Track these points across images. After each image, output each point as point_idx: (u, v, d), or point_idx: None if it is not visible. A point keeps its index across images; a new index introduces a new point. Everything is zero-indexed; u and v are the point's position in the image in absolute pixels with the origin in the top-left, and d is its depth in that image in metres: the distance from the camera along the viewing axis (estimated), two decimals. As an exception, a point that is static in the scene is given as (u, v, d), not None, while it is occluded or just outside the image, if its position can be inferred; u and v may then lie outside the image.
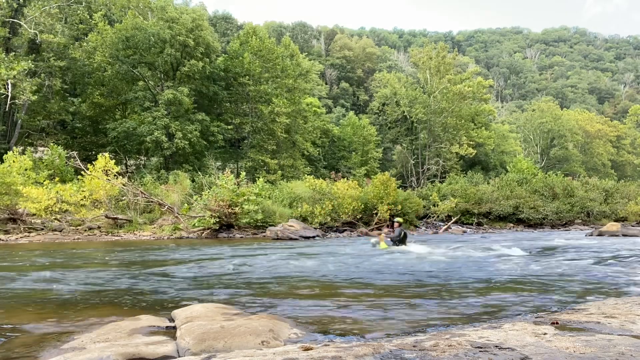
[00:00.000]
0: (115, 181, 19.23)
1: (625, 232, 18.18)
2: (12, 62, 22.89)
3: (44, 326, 3.77)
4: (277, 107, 33.26)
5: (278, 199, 21.63)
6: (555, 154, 59.59)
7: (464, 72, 53.34)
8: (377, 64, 78.92)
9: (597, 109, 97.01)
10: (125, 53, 29.43)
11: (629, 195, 32.54)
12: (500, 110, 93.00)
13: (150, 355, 2.83)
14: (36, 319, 4.01)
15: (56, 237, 15.77)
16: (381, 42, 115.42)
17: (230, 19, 73.96)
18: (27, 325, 3.80)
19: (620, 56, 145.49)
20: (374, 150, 44.87)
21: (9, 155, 18.80)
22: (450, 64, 44.95)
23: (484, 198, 27.50)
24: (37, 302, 4.97)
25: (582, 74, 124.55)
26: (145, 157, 31.36)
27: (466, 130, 44.31)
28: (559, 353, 2.43)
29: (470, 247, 12.90)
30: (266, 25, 79.33)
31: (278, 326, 3.40)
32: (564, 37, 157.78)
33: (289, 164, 34.91)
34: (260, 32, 36.45)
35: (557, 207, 27.77)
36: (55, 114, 29.00)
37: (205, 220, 17.62)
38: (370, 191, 23.11)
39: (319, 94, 58.79)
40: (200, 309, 3.95)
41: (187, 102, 29.23)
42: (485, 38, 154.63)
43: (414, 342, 2.73)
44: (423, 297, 5.16)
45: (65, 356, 2.81)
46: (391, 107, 46.91)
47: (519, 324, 3.31)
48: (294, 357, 2.43)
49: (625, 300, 4.45)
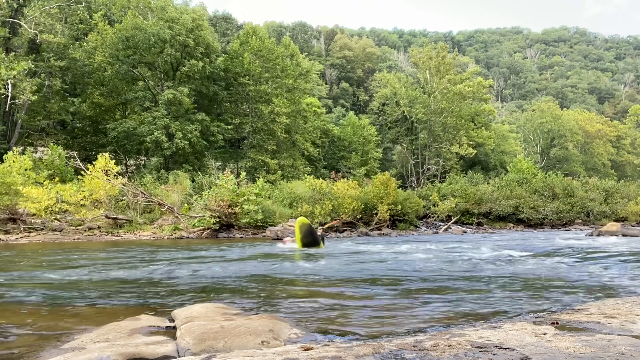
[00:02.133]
0: (115, 181, 19.23)
1: (625, 232, 18.16)
2: (12, 62, 22.91)
3: (43, 326, 3.77)
4: (277, 107, 33.27)
5: (278, 199, 21.64)
6: (555, 154, 59.58)
7: (464, 72, 53.33)
8: (377, 64, 78.93)
9: (597, 109, 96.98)
10: (125, 53, 29.44)
11: (629, 195, 32.53)
12: (500, 110, 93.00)
13: (150, 355, 2.83)
14: (36, 319, 4.01)
15: (56, 237, 15.77)
16: (381, 42, 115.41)
17: (230, 19, 73.97)
18: (27, 325, 3.79)
19: (620, 56, 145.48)
20: (374, 150, 44.88)
21: (9, 155, 18.81)
22: (450, 64, 44.97)
23: (484, 198, 27.50)
24: (37, 302, 4.97)
25: (582, 74, 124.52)
26: (145, 157, 31.37)
27: (466, 130, 44.33)
28: (559, 353, 2.43)
29: (470, 247, 12.89)
30: (266, 25, 79.36)
31: (278, 326, 3.40)
32: (564, 37, 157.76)
33: (289, 164, 34.92)
34: (260, 32, 36.45)
35: (557, 207, 27.76)
36: (55, 114, 29.01)
37: (205, 220, 17.63)
38: (370, 191, 23.12)
39: (319, 94, 58.80)
40: (200, 309, 3.95)
41: (187, 102, 29.24)
42: (485, 38, 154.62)
43: (414, 342, 2.73)
44: (423, 297, 5.16)
45: (65, 356, 2.81)
46: (391, 107, 46.91)
47: (519, 324, 3.31)
48: (294, 357, 2.43)
49: (625, 300, 4.45)
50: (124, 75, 30.28)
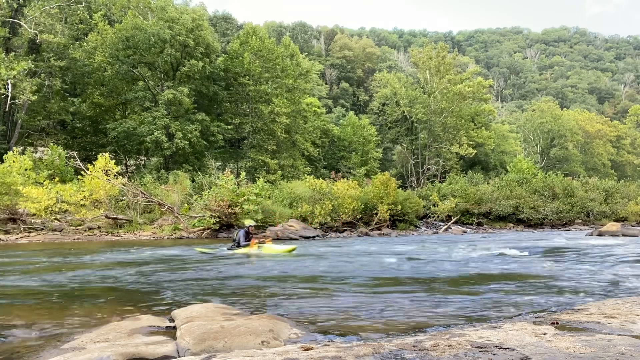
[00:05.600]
0: (115, 181, 19.23)
1: (625, 232, 18.16)
2: (12, 62, 22.90)
3: (43, 326, 3.76)
4: (277, 107, 33.26)
5: (278, 199, 21.63)
6: (555, 154, 59.57)
7: (464, 72, 53.31)
8: (377, 64, 78.91)
9: (597, 109, 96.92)
10: (125, 53, 29.43)
11: (629, 195, 32.52)
12: (500, 110, 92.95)
13: (150, 355, 2.83)
14: (36, 319, 4.01)
15: (56, 237, 15.77)
16: (381, 42, 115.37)
17: (230, 19, 73.96)
18: (27, 325, 3.79)
19: (620, 56, 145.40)
20: (374, 150, 44.88)
21: (9, 155, 18.81)
22: (450, 64, 44.95)
23: (484, 198, 27.49)
24: (37, 302, 4.97)
25: (582, 74, 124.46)
26: (145, 157, 31.36)
27: (466, 130, 44.32)
28: (559, 353, 2.43)
29: (470, 247, 12.89)
30: (266, 25, 79.33)
31: (278, 326, 3.40)
32: (564, 37, 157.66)
33: (289, 164, 34.91)
34: (260, 32, 36.44)
35: (557, 207, 27.75)
36: (55, 114, 29.00)
37: (205, 220, 17.62)
38: (370, 191, 23.11)
39: (319, 94, 58.79)
40: (200, 309, 3.96)
41: (187, 102, 29.23)
42: (485, 38, 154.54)
43: (414, 342, 2.73)
44: (423, 297, 5.16)
45: (65, 356, 2.81)
46: (391, 107, 46.90)
47: (519, 324, 3.31)
48: (294, 357, 2.43)
49: (625, 300, 4.45)
50: (124, 75, 30.27)
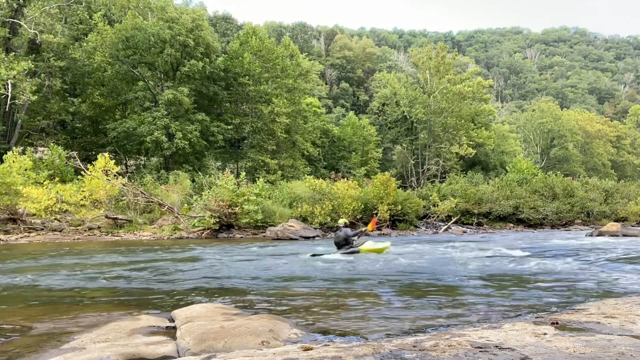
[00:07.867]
0: (115, 181, 19.23)
1: (625, 232, 18.16)
2: (12, 62, 22.88)
3: (44, 326, 3.77)
4: (277, 107, 33.25)
5: (278, 199, 21.63)
6: (555, 154, 59.57)
7: (464, 72, 53.30)
8: (377, 64, 78.86)
9: (597, 109, 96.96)
10: (125, 53, 29.43)
11: (629, 195, 32.50)
12: (500, 110, 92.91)
13: (150, 355, 2.83)
14: (36, 319, 4.01)
15: (56, 237, 15.76)
16: (381, 42, 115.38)
17: (230, 19, 73.94)
18: (27, 325, 3.79)
19: (620, 56, 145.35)
20: (374, 151, 44.86)
21: (9, 155, 18.80)
22: (450, 64, 44.92)
23: (484, 198, 27.48)
24: (37, 302, 4.97)
25: (582, 74, 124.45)
26: (145, 157, 31.35)
27: (466, 130, 44.29)
28: (559, 353, 2.43)
29: (470, 247, 12.89)
30: (266, 26, 79.27)
31: (278, 326, 3.40)
32: (564, 37, 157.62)
33: (289, 164, 34.90)
34: (260, 32, 36.44)
35: (557, 207, 27.74)
36: (55, 114, 28.99)
37: (205, 221, 17.62)
38: (370, 191, 23.11)
39: (319, 94, 58.74)
40: (200, 309, 3.96)
41: (187, 102, 29.23)
42: (485, 38, 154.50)
43: (414, 342, 2.73)
44: (423, 297, 5.17)
45: (65, 356, 2.81)
46: (391, 107, 46.89)
47: (519, 324, 3.31)
48: (294, 357, 2.43)
49: (625, 300, 4.45)
50: (124, 75, 30.26)
